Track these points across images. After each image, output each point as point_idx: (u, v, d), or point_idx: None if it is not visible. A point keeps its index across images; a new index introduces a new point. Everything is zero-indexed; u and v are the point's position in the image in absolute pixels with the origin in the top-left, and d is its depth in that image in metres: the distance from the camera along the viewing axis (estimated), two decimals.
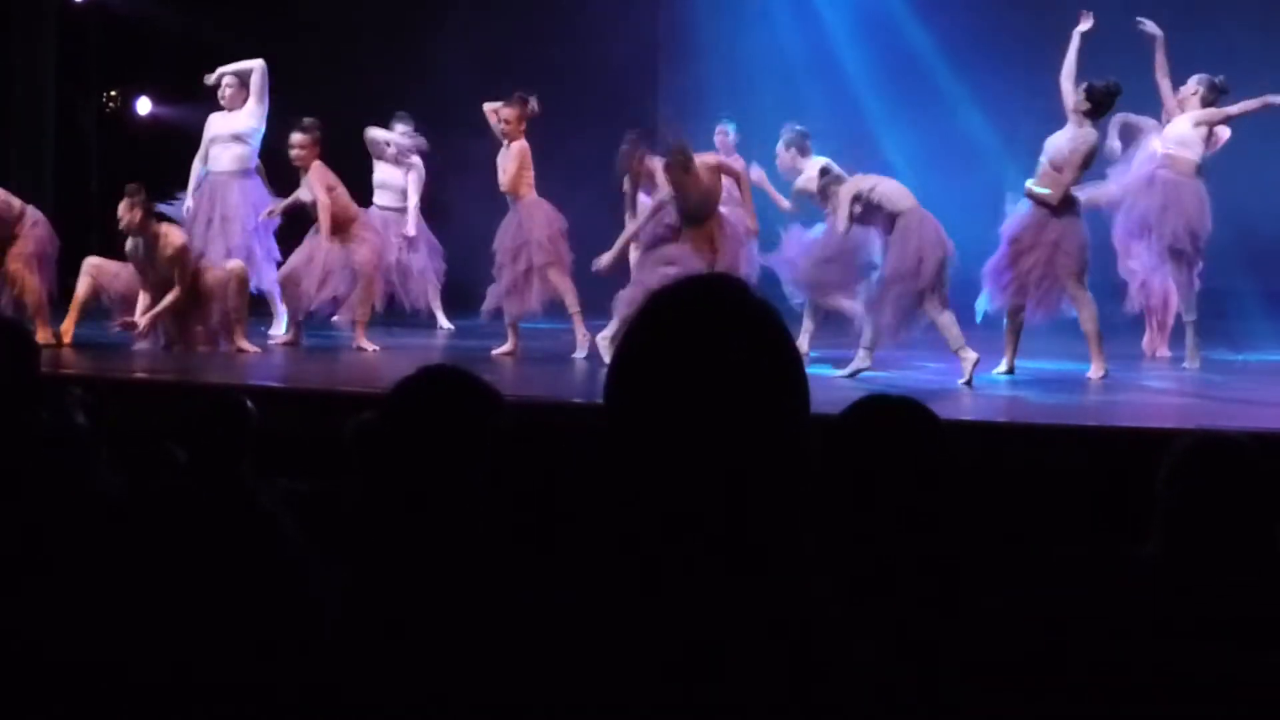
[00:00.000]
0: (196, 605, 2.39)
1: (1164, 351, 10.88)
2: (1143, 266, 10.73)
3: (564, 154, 11.38)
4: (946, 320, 9.16)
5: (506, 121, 10.66)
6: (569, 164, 11.34)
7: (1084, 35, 9.82)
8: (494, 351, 10.43)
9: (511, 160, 10.62)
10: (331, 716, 2.14)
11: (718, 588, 1.69)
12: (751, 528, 1.71)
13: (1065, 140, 9.58)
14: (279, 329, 11.38)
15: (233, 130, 11.51)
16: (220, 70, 11.65)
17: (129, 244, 10.33)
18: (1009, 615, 2.94)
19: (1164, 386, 9.41)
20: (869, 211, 9.44)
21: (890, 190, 9.45)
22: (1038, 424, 7.61)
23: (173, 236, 10.26)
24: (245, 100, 11.54)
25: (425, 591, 2.31)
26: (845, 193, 9.44)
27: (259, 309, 11.41)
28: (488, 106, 10.85)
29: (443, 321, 12.46)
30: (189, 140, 11.93)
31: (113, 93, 15.01)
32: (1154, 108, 10.81)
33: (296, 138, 10.84)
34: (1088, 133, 9.56)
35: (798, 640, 1.68)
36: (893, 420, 2.81)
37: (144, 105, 14.63)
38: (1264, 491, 3.40)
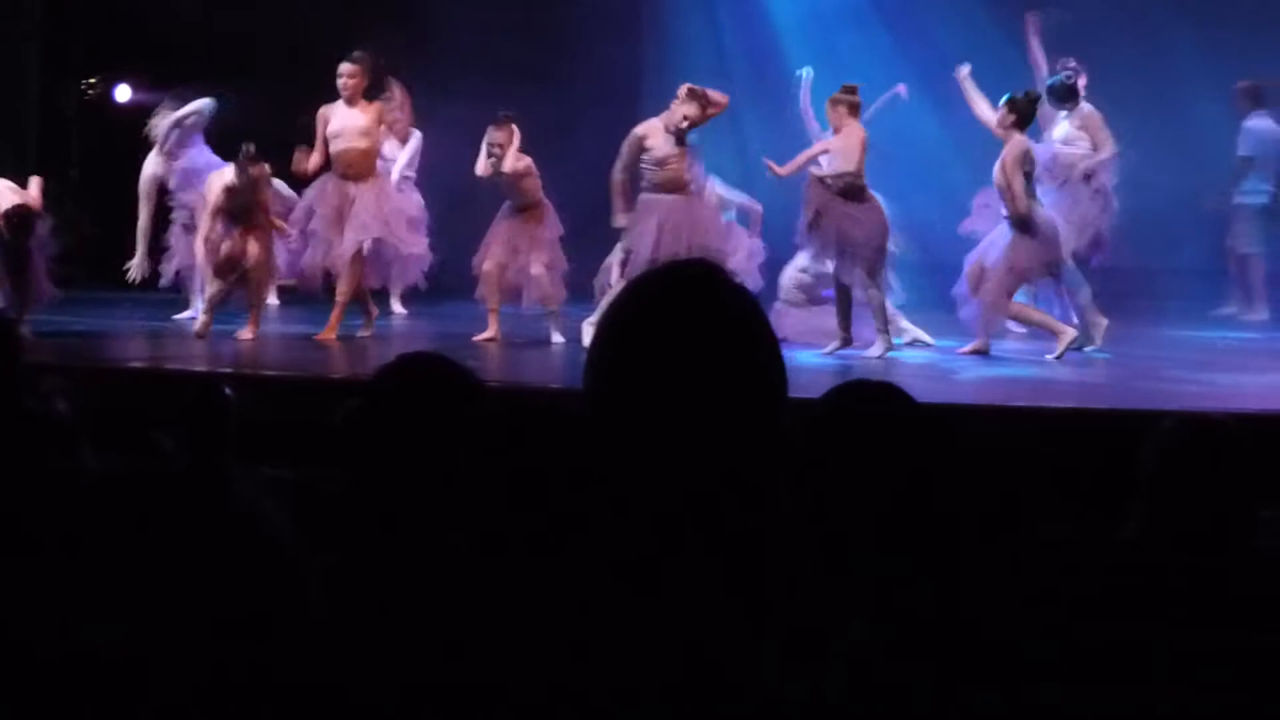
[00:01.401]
0: (176, 592, 2.38)
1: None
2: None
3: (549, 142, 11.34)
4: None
5: (500, 146, 10.49)
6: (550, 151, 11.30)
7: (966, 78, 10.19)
8: (476, 337, 10.44)
9: (520, 177, 10.58)
10: (314, 705, 2.14)
11: (702, 570, 1.69)
12: (731, 510, 1.72)
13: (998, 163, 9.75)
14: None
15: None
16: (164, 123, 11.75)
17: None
18: (995, 597, 2.96)
19: (1139, 368, 9.43)
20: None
21: None
22: (1015, 406, 7.64)
23: None
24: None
25: (410, 579, 2.31)
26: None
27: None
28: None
29: (396, 306, 12.46)
30: None
31: (92, 80, 14.94)
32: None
33: (345, 68, 10.65)
34: (1016, 145, 9.69)
35: (783, 621, 1.69)
36: (871, 404, 2.82)
37: (123, 92, 14.57)
38: (1246, 473, 3.42)
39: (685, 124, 9.95)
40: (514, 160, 10.43)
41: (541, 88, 11.24)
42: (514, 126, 10.49)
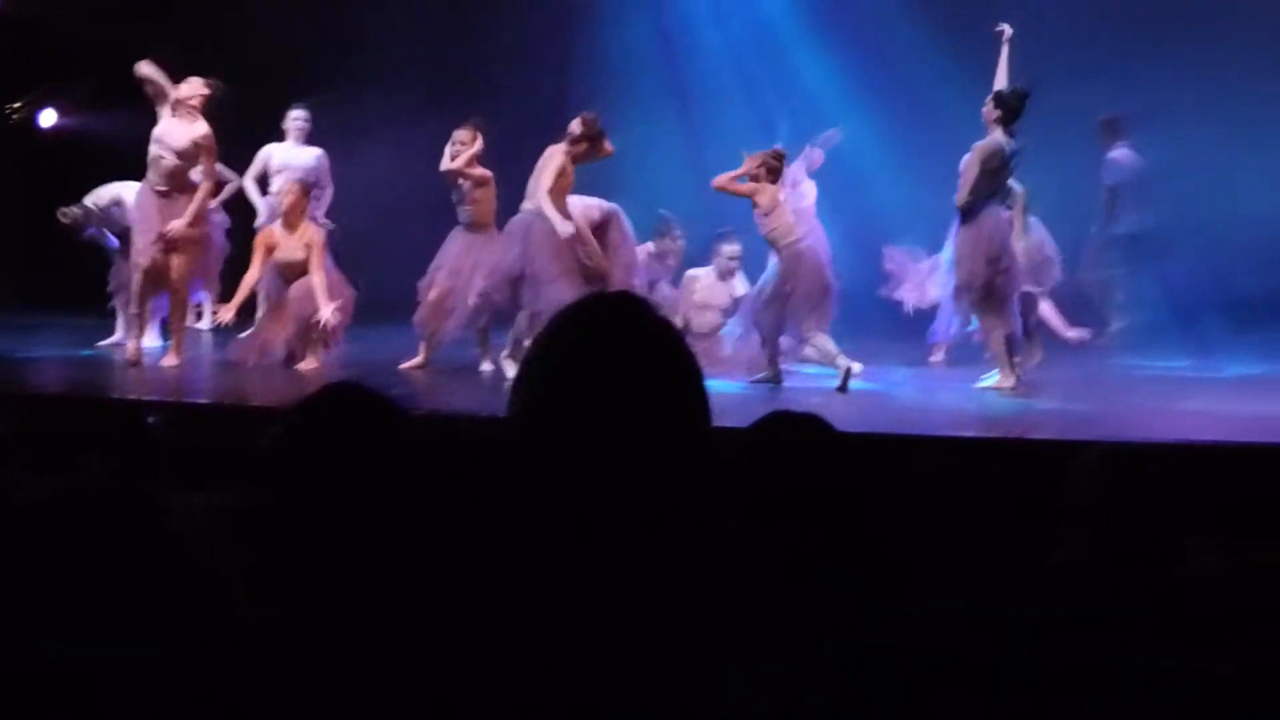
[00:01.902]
0: (104, 615, 2.37)
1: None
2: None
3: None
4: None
5: (462, 143, 10.59)
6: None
7: (1010, 43, 9.95)
8: (403, 365, 10.47)
9: (475, 184, 10.62)
10: None
11: (625, 595, 1.70)
12: (655, 538, 1.73)
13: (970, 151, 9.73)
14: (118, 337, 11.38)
15: None
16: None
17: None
18: (923, 622, 2.97)
19: (1068, 397, 9.51)
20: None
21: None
22: (943, 436, 7.69)
23: None
24: None
25: (338, 606, 2.30)
26: None
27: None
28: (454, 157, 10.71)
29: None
30: (94, 152, 11.84)
31: (16, 104, 14.83)
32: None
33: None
34: (989, 140, 9.65)
35: (709, 643, 1.70)
36: (793, 434, 2.84)
37: (48, 117, 14.45)
38: (1171, 502, 3.46)
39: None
40: (468, 160, 10.49)
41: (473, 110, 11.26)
42: (479, 133, 10.57)
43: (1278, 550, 3.62)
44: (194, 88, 10.21)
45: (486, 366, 10.45)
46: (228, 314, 10.20)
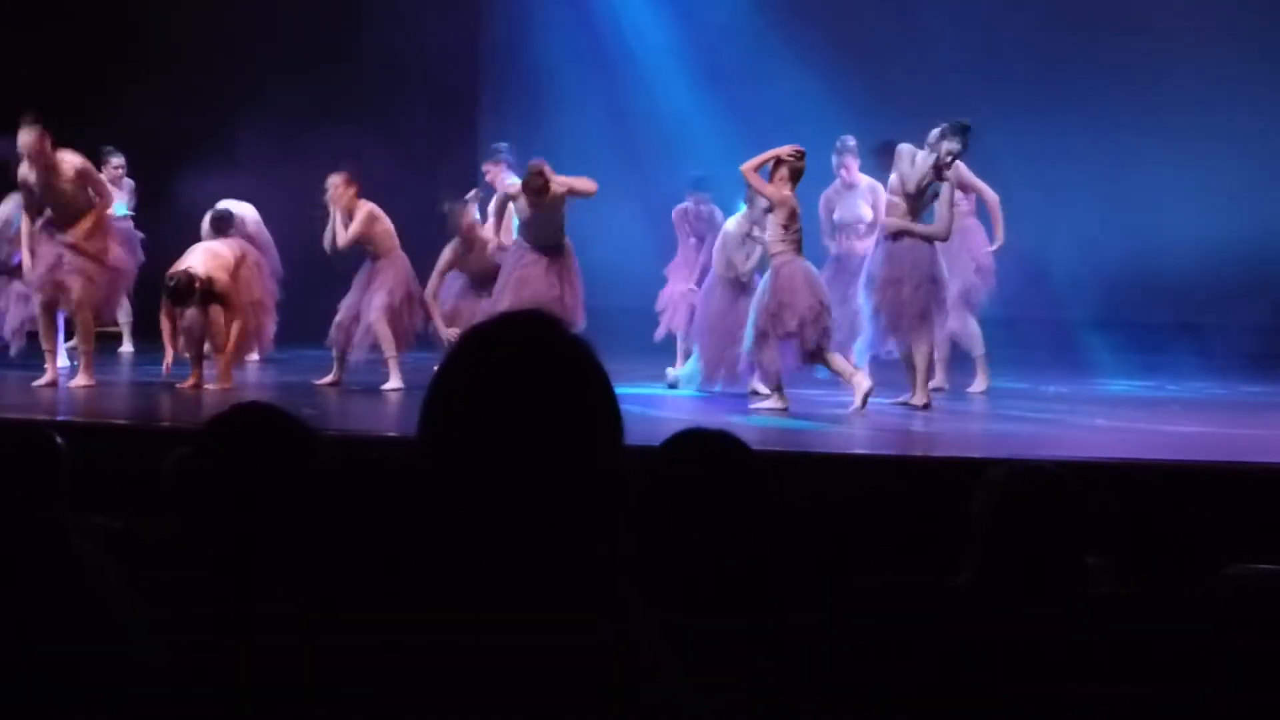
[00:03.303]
0: (5, 639, 2.33)
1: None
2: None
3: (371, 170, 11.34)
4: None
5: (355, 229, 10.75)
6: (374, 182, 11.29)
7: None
8: (318, 380, 10.56)
9: (363, 225, 10.71)
10: None
11: (535, 618, 1.69)
12: (566, 559, 1.73)
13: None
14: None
15: None
16: None
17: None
18: (826, 645, 2.98)
19: (977, 417, 9.60)
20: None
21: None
22: (852, 454, 7.73)
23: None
24: None
25: (242, 629, 2.28)
26: None
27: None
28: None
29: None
30: None
31: None
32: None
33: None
34: (907, 162, 9.77)
35: (613, 670, 1.70)
36: (704, 452, 2.84)
37: None
38: (1076, 520, 3.48)
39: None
40: (355, 225, 10.70)
41: (372, 136, 11.28)
42: (351, 181, 10.79)
43: (1179, 573, 3.66)
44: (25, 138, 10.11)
45: (395, 384, 10.52)
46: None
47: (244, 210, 11.82)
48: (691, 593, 2.72)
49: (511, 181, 10.81)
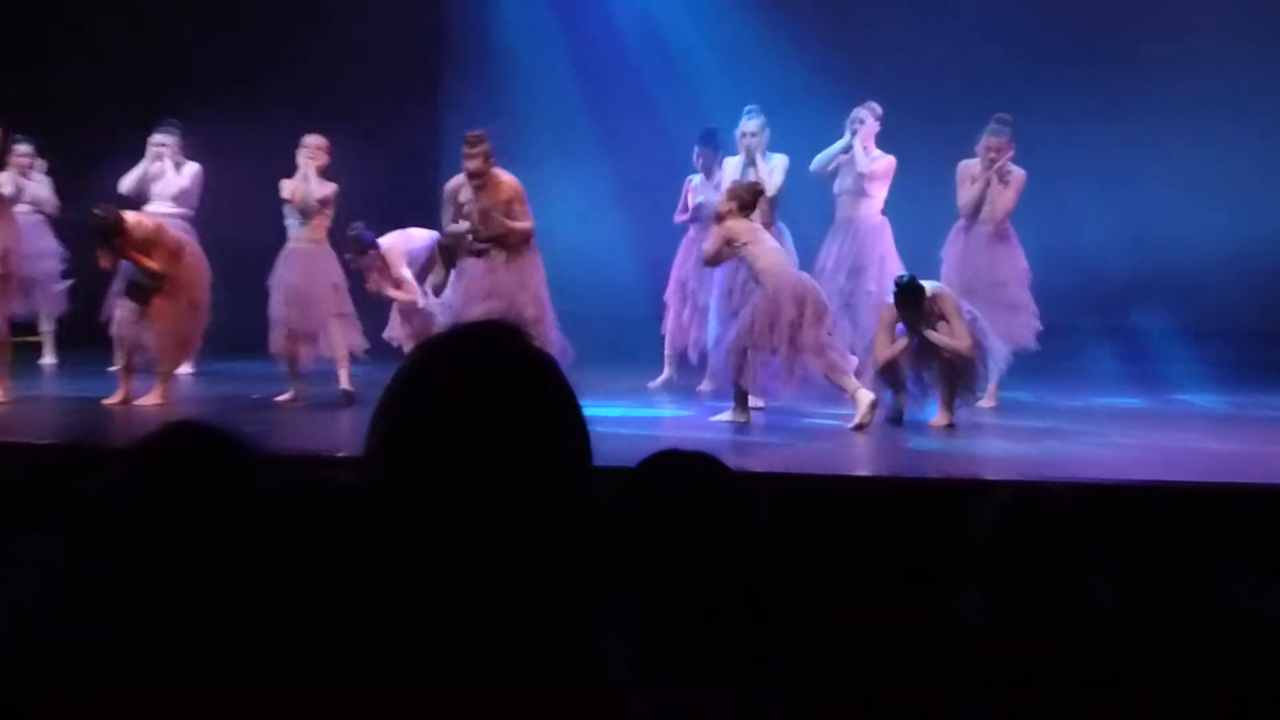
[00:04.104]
0: None
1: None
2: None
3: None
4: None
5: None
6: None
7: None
8: (279, 398, 10.60)
9: (330, 198, 10.78)
10: None
11: (494, 657, 1.71)
12: (527, 593, 1.73)
13: None
14: None
15: None
16: None
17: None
18: (821, 672, 3.00)
19: (982, 435, 9.62)
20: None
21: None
22: (844, 475, 7.74)
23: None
24: None
25: (177, 654, 2.29)
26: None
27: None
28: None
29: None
30: None
31: None
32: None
33: None
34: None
35: (584, 698, 1.71)
36: (682, 474, 2.85)
37: None
38: (1083, 545, 3.52)
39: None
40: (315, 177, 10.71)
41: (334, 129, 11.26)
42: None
43: (1185, 596, 3.70)
44: None
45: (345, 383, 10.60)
46: None
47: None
48: (668, 626, 2.74)
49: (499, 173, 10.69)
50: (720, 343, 10.13)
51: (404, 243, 11.59)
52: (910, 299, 9.64)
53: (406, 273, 11.42)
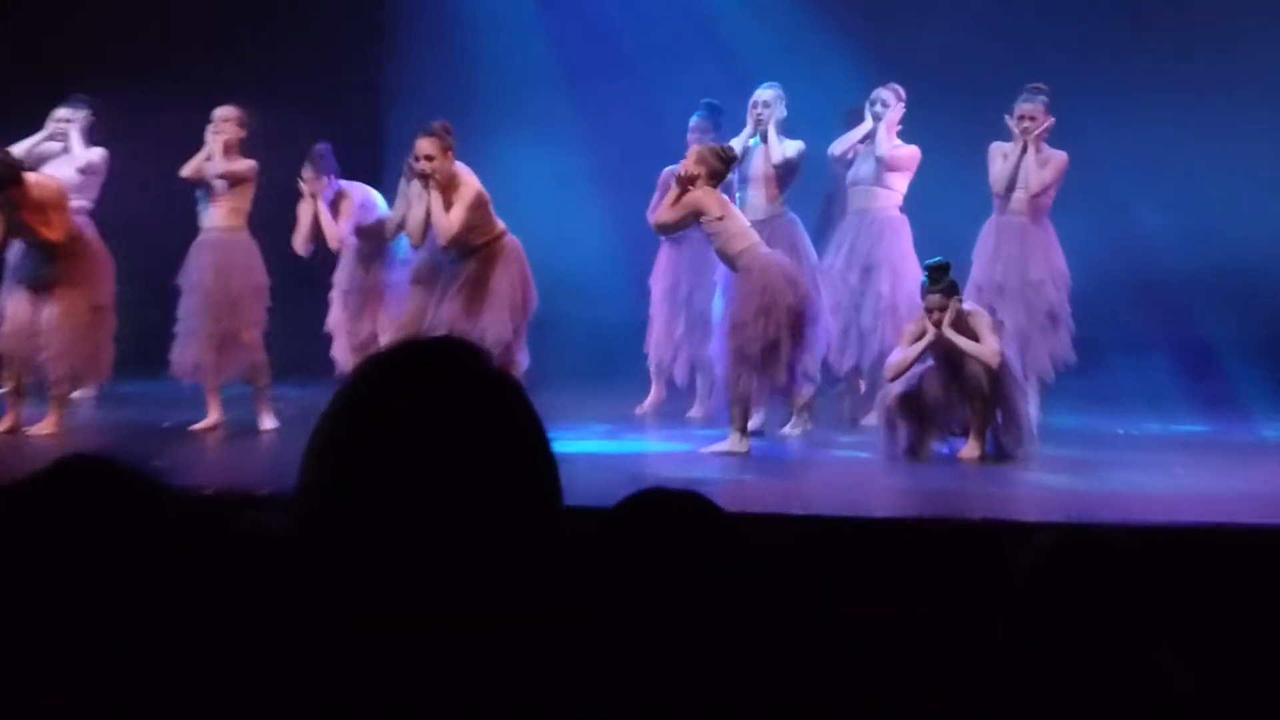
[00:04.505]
0: None
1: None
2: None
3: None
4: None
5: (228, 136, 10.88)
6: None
7: None
8: (194, 426, 10.59)
9: (247, 176, 10.87)
10: None
11: (453, 705, 1.70)
12: (488, 653, 1.73)
13: None
14: None
15: None
16: None
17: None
18: None
19: (1019, 469, 9.63)
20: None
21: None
22: (867, 517, 7.74)
23: None
24: None
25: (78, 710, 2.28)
26: None
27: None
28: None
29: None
30: None
31: None
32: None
33: None
34: None
35: None
36: (668, 516, 2.86)
37: None
38: (1137, 600, 3.52)
39: None
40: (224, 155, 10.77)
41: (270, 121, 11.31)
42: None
43: (1257, 659, 3.70)
44: None
45: (269, 423, 10.61)
46: None
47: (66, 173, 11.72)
48: (651, 696, 2.74)
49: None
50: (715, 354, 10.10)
51: (361, 198, 11.34)
52: (941, 276, 9.65)
53: (346, 225, 11.18)
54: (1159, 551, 5.66)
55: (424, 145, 9.99)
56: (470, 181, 10.10)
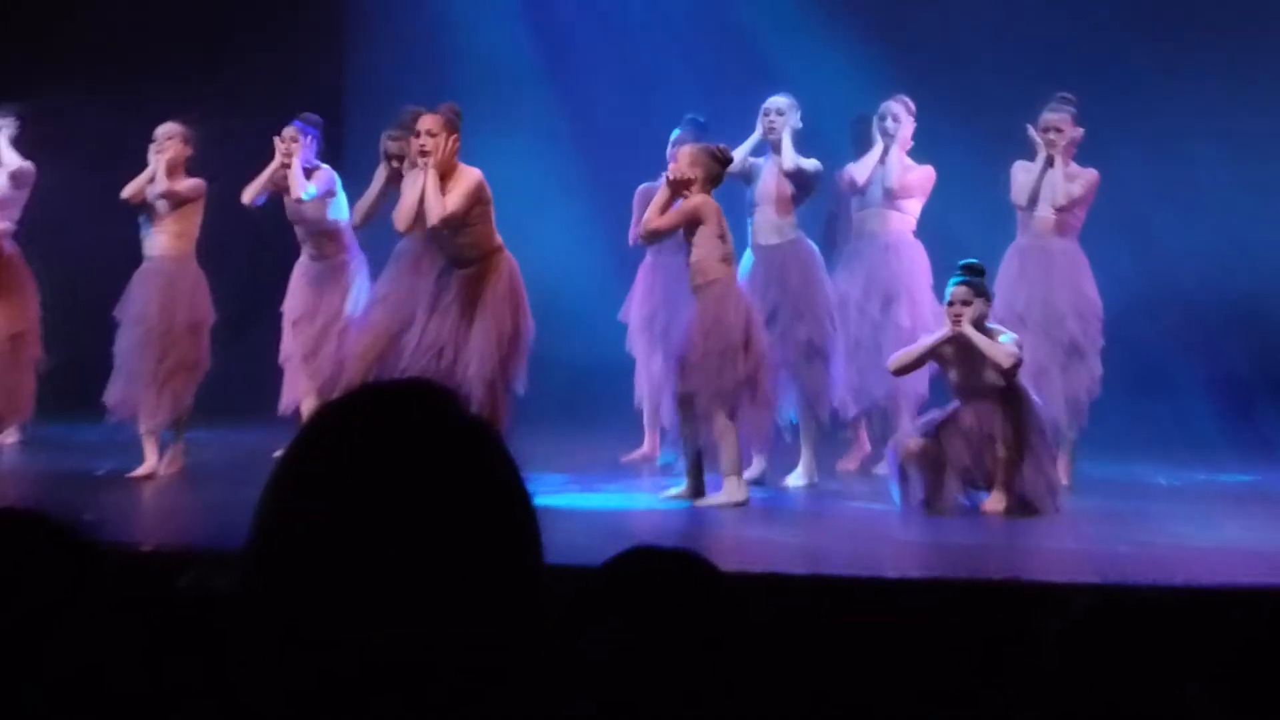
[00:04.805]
0: None
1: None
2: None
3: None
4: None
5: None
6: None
7: None
8: (133, 472, 10.52)
9: (192, 195, 10.83)
10: None
11: None
12: (458, 711, 1.73)
13: None
14: None
15: None
16: None
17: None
18: None
19: (1050, 523, 9.63)
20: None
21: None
22: (879, 578, 7.73)
23: None
24: None
25: None
26: None
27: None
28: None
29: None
30: None
31: None
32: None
33: None
34: None
35: None
36: (658, 577, 2.86)
37: None
38: (1182, 667, 3.53)
39: None
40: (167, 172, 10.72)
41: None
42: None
43: None
44: None
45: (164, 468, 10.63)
46: None
47: None
48: None
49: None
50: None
51: (331, 179, 11.24)
52: (974, 273, 9.68)
53: (312, 191, 11.06)
54: (1206, 616, 5.66)
55: (427, 121, 9.80)
56: (473, 172, 9.93)
